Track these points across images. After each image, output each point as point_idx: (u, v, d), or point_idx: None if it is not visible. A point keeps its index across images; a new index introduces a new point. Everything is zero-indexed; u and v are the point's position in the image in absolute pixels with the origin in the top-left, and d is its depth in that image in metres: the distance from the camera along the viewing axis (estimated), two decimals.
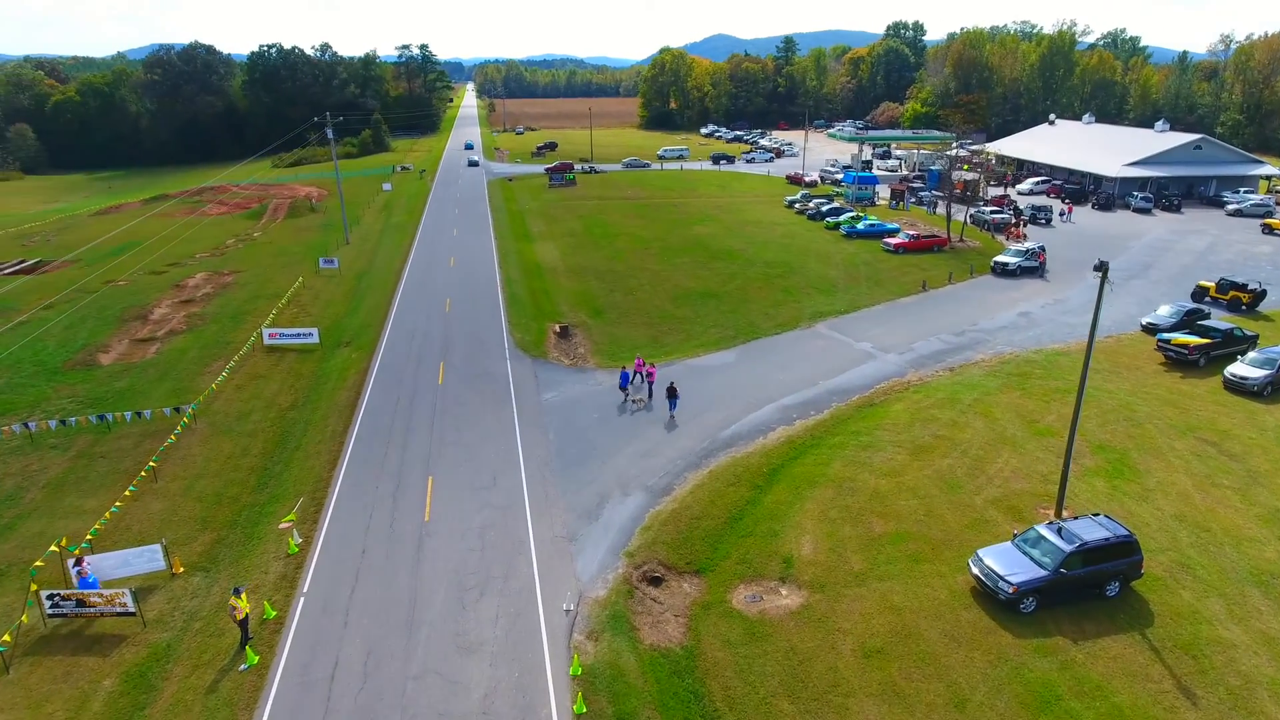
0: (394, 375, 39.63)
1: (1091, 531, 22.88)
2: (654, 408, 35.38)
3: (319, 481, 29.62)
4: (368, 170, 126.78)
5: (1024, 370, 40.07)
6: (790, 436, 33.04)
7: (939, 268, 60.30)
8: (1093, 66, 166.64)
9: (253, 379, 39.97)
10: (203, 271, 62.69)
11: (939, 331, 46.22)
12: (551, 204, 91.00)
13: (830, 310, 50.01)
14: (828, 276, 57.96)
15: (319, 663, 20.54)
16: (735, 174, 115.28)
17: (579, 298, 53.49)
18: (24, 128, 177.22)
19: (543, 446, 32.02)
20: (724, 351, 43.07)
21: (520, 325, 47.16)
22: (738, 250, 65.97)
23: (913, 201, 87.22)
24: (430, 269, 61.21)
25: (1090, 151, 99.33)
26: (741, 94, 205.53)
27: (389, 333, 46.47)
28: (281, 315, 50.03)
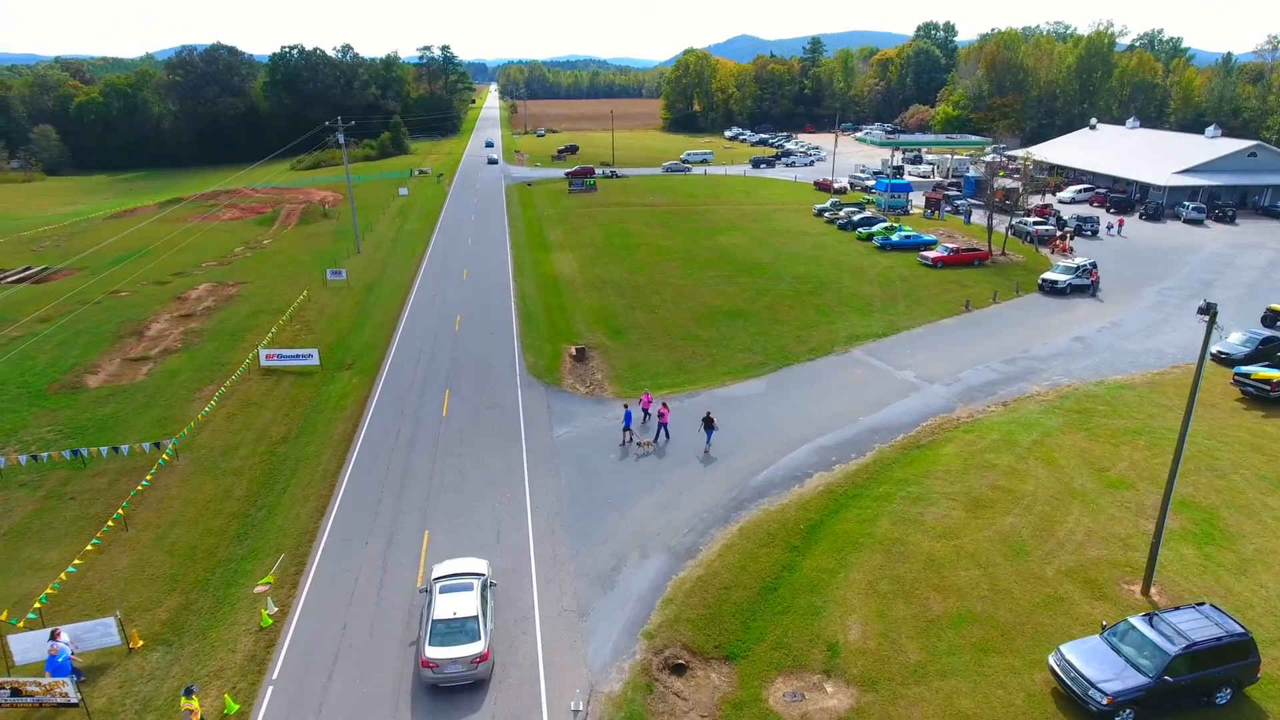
0: (395, 405, 36.62)
1: (1199, 628, 19.23)
2: (666, 453, 31.84)
3: (303, 534, 26.60)
4: (386, 174, 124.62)
5: (1086, 406, 36.25)
6: (829, 485, 29.55)
7: (982, 285, 56.39)
8: (1132, 68, 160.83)
9: (245, 406, 37.14)
10: (207, 282, 60.26)
11: (987, 359, 42.45)
12: (571, 210, 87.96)
13: (867, 333, 46.37)
14: (862, 293, 54.28)
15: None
16: (761, 180, 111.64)
17: (597, 315, 50.28)
18: (47, 129, 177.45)
19: (553, 494, 28.80)
20: (753, 380, 39.62)
21: (533, 347, 44.02)
22: (766, 263, 62.43)
23: (948, 210, 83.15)
24: (442, 282, 58.31)
25: (1136, 158, 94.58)
26: (766, 96, 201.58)
27: (394, 354, 43.54)
28: (282, 333, 47.30)
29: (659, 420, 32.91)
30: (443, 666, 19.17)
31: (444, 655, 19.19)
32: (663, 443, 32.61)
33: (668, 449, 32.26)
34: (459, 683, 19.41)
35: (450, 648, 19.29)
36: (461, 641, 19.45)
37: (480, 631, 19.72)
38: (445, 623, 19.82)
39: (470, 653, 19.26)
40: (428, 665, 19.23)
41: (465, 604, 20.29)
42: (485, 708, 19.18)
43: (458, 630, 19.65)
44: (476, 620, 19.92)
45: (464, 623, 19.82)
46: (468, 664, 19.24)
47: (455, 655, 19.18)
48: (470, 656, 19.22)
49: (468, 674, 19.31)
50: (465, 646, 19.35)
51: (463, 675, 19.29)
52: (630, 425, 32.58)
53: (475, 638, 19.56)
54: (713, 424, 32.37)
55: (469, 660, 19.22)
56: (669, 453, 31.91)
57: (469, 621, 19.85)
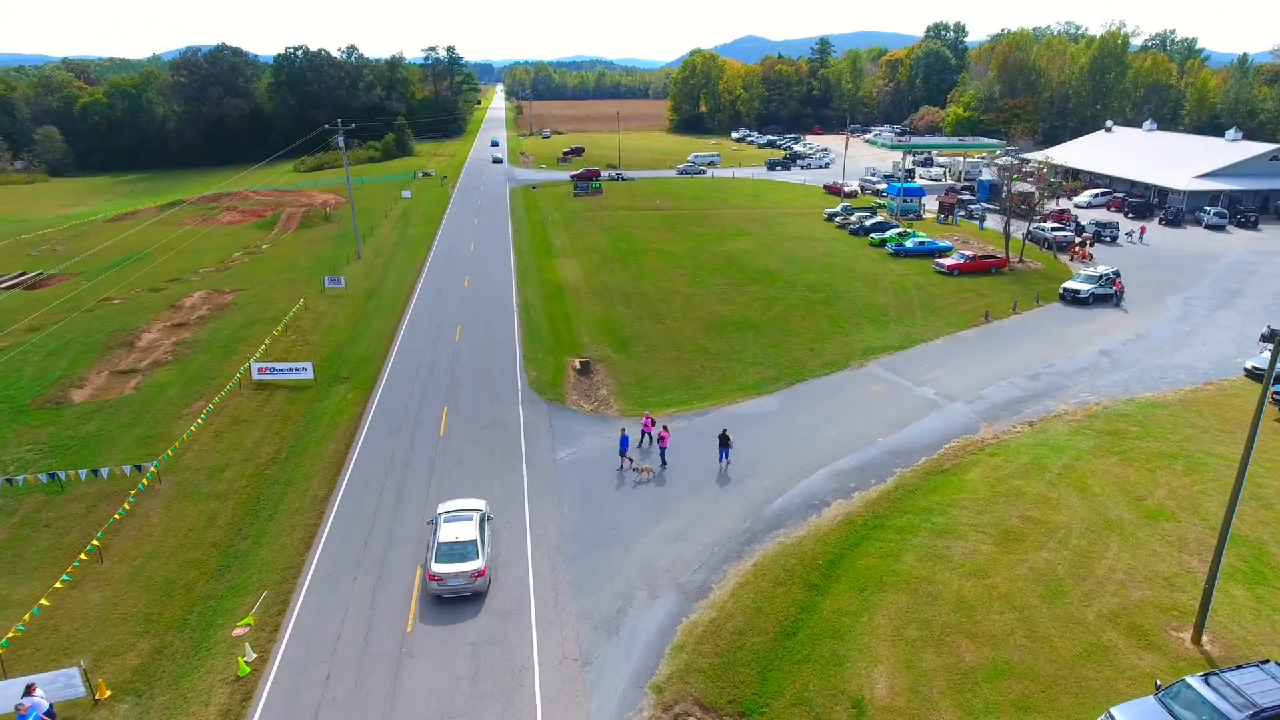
0: (391, 422, 34.96)
1: (1264, 690, 17.42)
2: (666, 481, 30.03)
3: (288, 567, 24.94)
4: (389, 176, 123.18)
5: (1116, 427, 34.37)
6: (849, 514, 27.76)
7: (1000, 294, 54.50)
8: (1146, 69, 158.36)
9: (234, 424, 35.53)
10: (202, 290, 58.75)
11: (1010, 374, 40.58)
12: (576, 214, 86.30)
13: (883, 345, 44.55)
14: (876, 303, 52.44)
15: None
16: (770, 183, 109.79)
17: (602, 325, 48.58)
18: (51, 130, 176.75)
19: (555, 524, 27.08)
20: (766, 397, 37.84)
21: (536, 360, 42.33)
22: (776, 270, 60.63)
23: (962, 215, 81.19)
24: (443, 289, 56.68)
25: (1154, 162, 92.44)
26: (774, 97, 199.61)
27: (391, 367, 41.90)
28: (276, 344, 45.72)
29: (659, 446, 31.03)
30: (446, 580, 22.66)
31: (447, 570, 22.65)
32: (660, 469, 30.70)
33: (672, 475, 30.47)
34: (460, 594, 22.89)
35: (453, 565, 22.76)
36: (462, 560, 22.88)
37: (478, 553, 23.14)
38: (449, 545, 23.23)
39: (470, 568, 22.76)
40: (434, 579, 22.68)
41: (465, 531, 23.69)
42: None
43: (459, 552, 23.08)
44: (475, 544, 23.31)
45: (464, 545, 23.21)
46: (468, 577, 22.77)
47: (457, 570, 22.69)
48: (469, 571, 22.74)
49: (467, 586, 22.80)
50: (465, 564, 22.82)
51: (463, 587, 22.80)
52: (626, 450, 30.58)
53: (474, 557, 23.00)
54: (728, 442, 30.89)
55: (468, 574, 22.76)
56: (678, 479, 30.14)
57: (469, 545, 23.24)
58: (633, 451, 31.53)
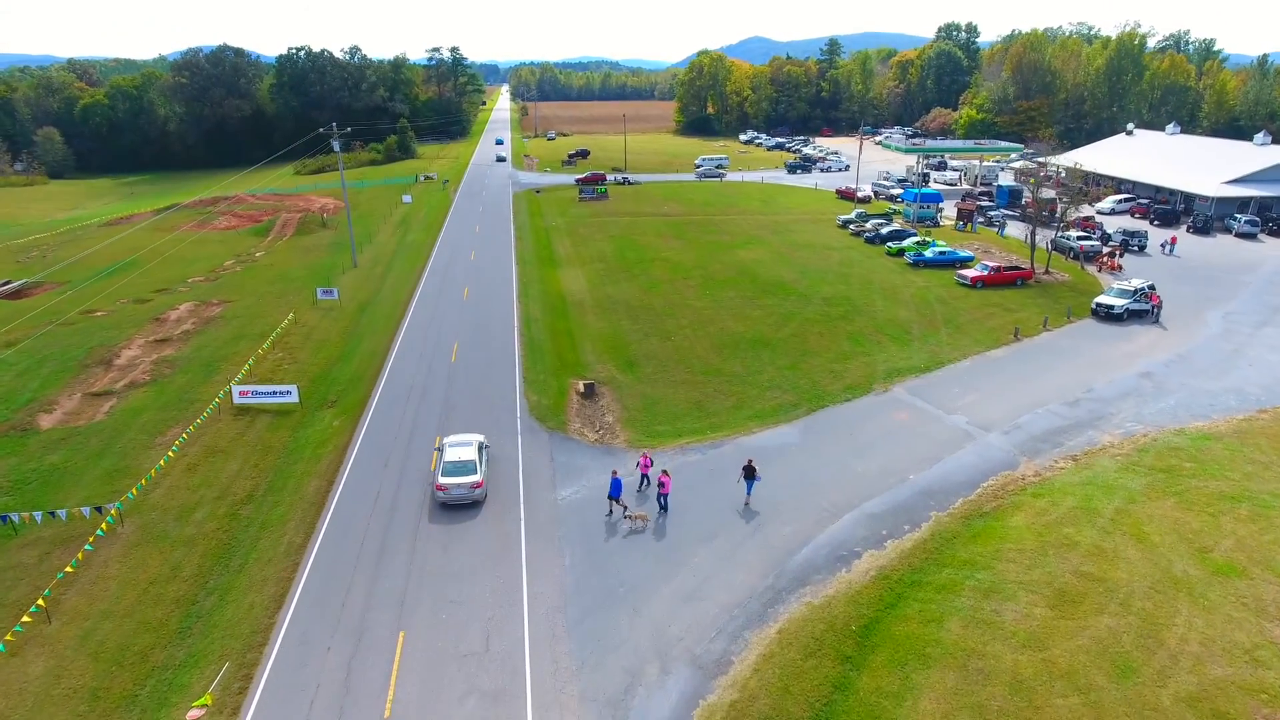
0: (378, 455, 32.24)
1: None
2: (676, 528, 27.12)
3: (255, 631, 22.23)
4: (390, 179, 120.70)
5: (1169, 463, 31.46)
6: (883, 568, 24.93)
7: (1028, 308, 51.58)
8: (1164, 71, 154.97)
9: (209, 455, 32.87)
10: (189, 301, 56.18)
11: (1046, 400, 37.67)
12: (581, 220, 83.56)
13: (908, 366, 41.67)
14: (898, 318, 49.56)
15: None
16: (780, 187, 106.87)
17: (608, 343, 45.82)
18: (51, 131, 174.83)
19: (555, 579, 24.31)
20: (785, 426, 35.01)
21: (537, 383, 39.58)
22: (790, 282, 57.77)
23: (981, 222, 78.16)
24: (440, 302, 53.98)
25: (1178, 166, 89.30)
26: (783, 99, 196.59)
27: (383, 389, 39.19)
28: (262, 363, 43.07)
29: (658, 490, 27.88)
30: (450, 489, 27.40)
31: (452, 482, 27.45)
32: (659, 518, 27.54)
33: (685, 520, 27.64)
34: (461, 501, 27.65)
35: (456, 478, 27.53)
36: (464, 474, 27.60)
37: (477, 469, 27.84)
38: (453, 463, 27.94)
39: (470, 481, 27.53)
40: (440, 489, 27.43)
41: (467, 453, 28.44)
42: None
43: (461, 468, 27.78)
44: (474, 463, 28.02)
45: (465, 463, 27.96)
46: (468, 488, 27.48)
47: (459, 482, 27.45)
48: (470, 483, 27.50)
49: (468, 495, 27.57)
50: (467, 477, 27.57)
51: (465, 496, 27.54)
52: (619, 495, 27.44)
53: (473, 473, 27.70)
54: (754, 473, 28.36)
55: (469, 485, 27.49)
56: (691, 525, 27.32)
57: (469, 463, 27.97)
58: (629, 495, 28.60)
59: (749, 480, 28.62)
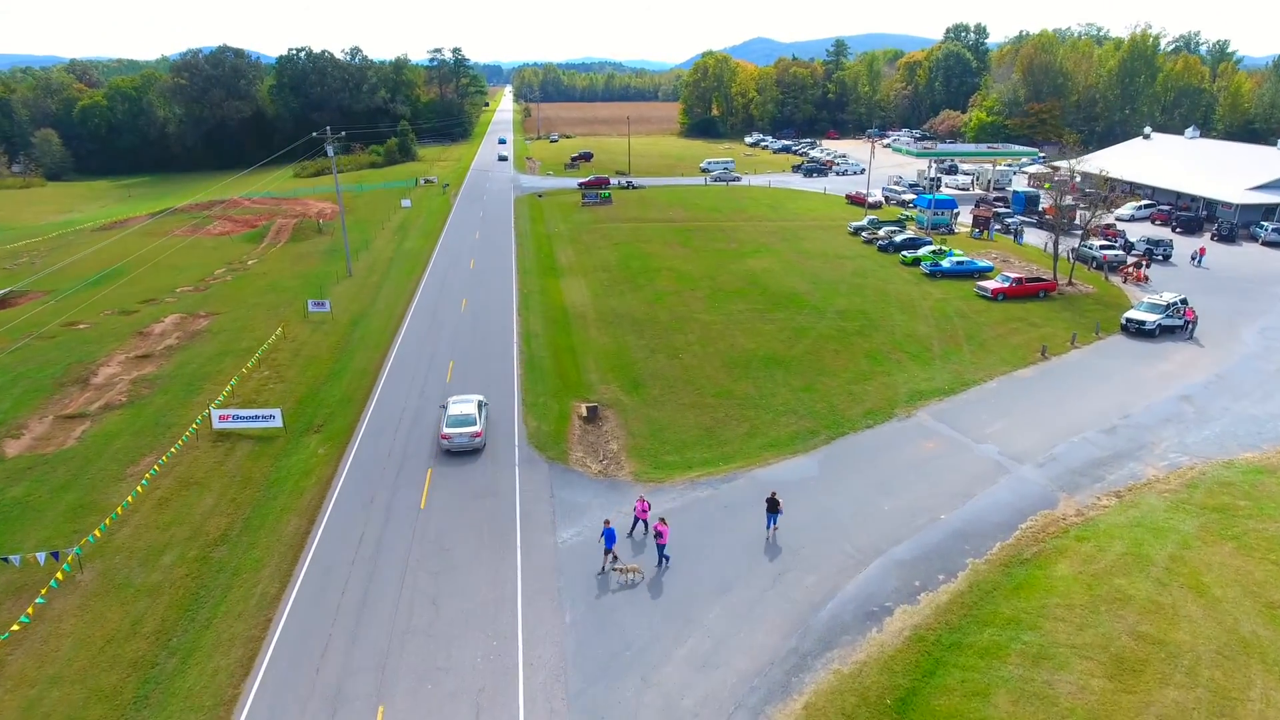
0: (364, 490, 29.85)
1: None
2: (675, 583, 24.56)
3: (218, 704, 19.86)
4: (390, 183, 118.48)
5: (1222, 501, 28.97)
6: (917, 628, 22.48)
7: (1053, 323, 49.10)
8: (1177, 73, 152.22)
9: (183, 488, 30.51)
10: (176, 313, 53.90)
11: (1081, 426, 35.18)
12: (584, 227, 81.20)
13: (931, 388, 39.20)
14: (917, 334, 47.09)
15: None
16: (788, 191, 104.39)
17: (612, 360, 43.43)
18: (49, 133, 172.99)
19: (554, 640, 21.89)
20: (802, 457, 32.57)
21: (537, 406, 37.17)
22: (802, 294, 55.32)
23: (997, 229, 75.55)
24: (437, 315, 51.62)
25: (1200, 172, 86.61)
26: (788, 100, 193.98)
27: (372, 412, 36.83)
28: (246, 382, 40.72)
29: (656, 540, 25.07)
30: (453, 438, 31.38)
31: (455, 432, 31.44)
32: (658, 571, 24.86)
33: (697, 569, 25.21)
34: (463, 449, 31.62)
35: (459, 429, 31.52)
36: (466, 425, 31.62)
37: (477, 421, 31.82)
38: (456, 416, 31.99)
39: (470, 431, 31.49)
40: (445, 438, 31.52)
41: (468, 408, 32.51)
42: None
43: (463, 420, 31.82)
44: (474, 416, 32.04)
45: (466, 416, 32.02)
46: (469, 437, 31.45)
47: (461, 432, 31.44)
48: (470, 433, 31.46)
49: (469, 444, 31.53)
50: (468, 428, 31.56)
51: (466, 444, 31.49)
52: (613, 546, 24.75)
53: (473, 424, 31.70)
54: (778, 507, 26.43)
55: (470, 434, 31.46)
56: (704, 575, 24.89)
57: (469, 415, 32.02)
58: (623, 541, 26.11)
59: (772, 514, 26.58)
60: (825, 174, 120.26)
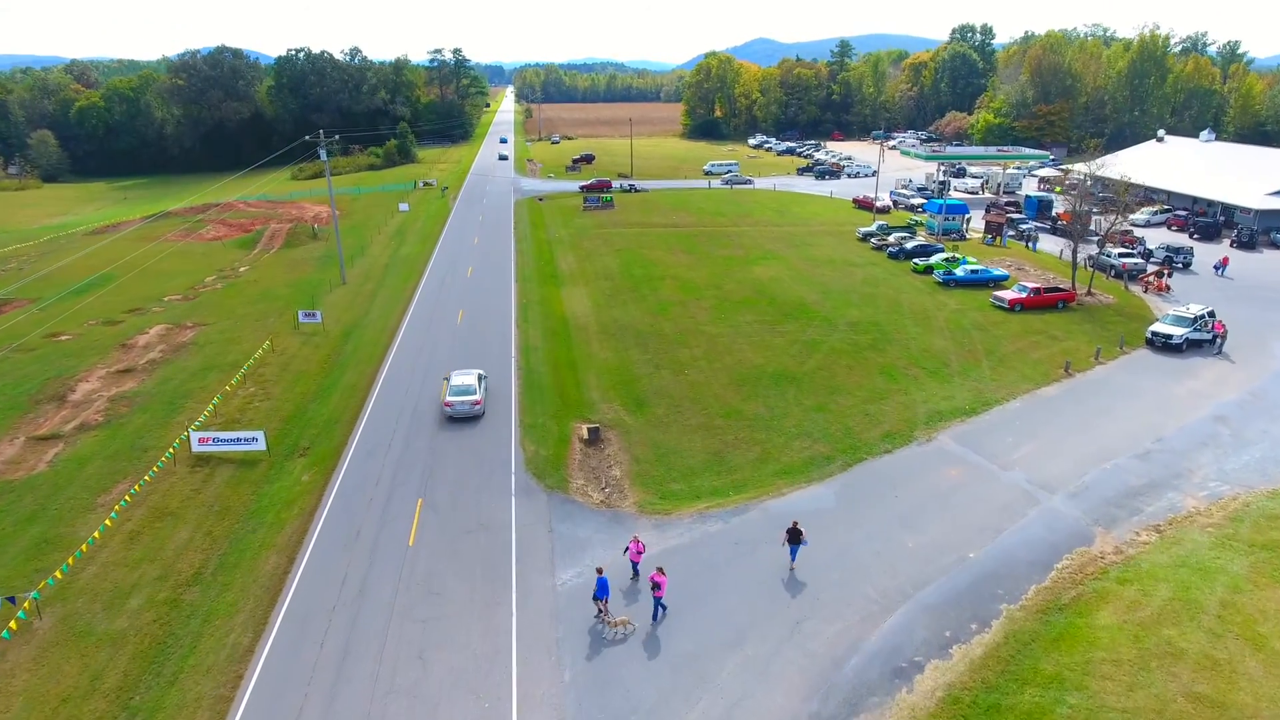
0: (349, 523, 27.87)
1: None
2: (686, 633, 22.44)
3: None
4: (388, 185, 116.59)
5: (1271, 536, 26.94)
6: (951, 685, 20.47)
7: (1075, 336, 47.07)
8: (1187, 74, 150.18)
9: (156, 520, 28.54)
10: (161, 324, 51.94)
11: (1113, 451, 33.14)
12: (585, 231, 79.23)
13: (950, 408, 37.16)
14: (933, 348, 45.07)
15: None
16: (794, 195, 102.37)
17: (615, 376, 41.43)
18: (46, 134, 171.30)
19: (552, 702, 19.89)
20: (818, 486, 30.56)
21: (536, 428, 35.18)
22: (812, 304, 53.31)
23: (1011, 235, 73.48)
24: (432, 327, 49.64)
25: (1216, 176, 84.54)
26: (792, 102, 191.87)
27: (361, 433, 34.86)
28: (230, 400, 38.75)
29: (653, 592, 22.63)
30: (455, 406, 34.85)
31: (457, 399, 34.99)
32: (653, 624, 22.61)
33: (710, 616, 23.19)
34: (465, 415, 35.03)
35: (460, 397, 35.05)
36: (466, 395, 35.17)
37: (476, 391, 35.40)
38: (458, 387, 35.56)
39: (471, 399, 35.01)
40: (448, 405, 35.04)
41: (469, 380, 36.08)
42: None
43: (464, 390, 35.42)
44: (474, 386, 35.58)
45: (467, 386, 35.58)
46: (470, 405, 34.93)
47: (462, 399, 34.96)
48: (470, 400, 34.97)
49: (470, 411, 34.98)
50: (468, 397, 35.09)
51: (468, 411, 34.95)
52: (606, 596, 22.46)
53: (473, 393, 35.24)
54: (800, 537, 24.70)
55: (470, 403, 34.95)
56: (716, 624, 22.87)
57: (470, 386, 35.57)
58: (616, 588, 23.79)
59: (794, 545, 24.87)
60: (837, 176, 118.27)
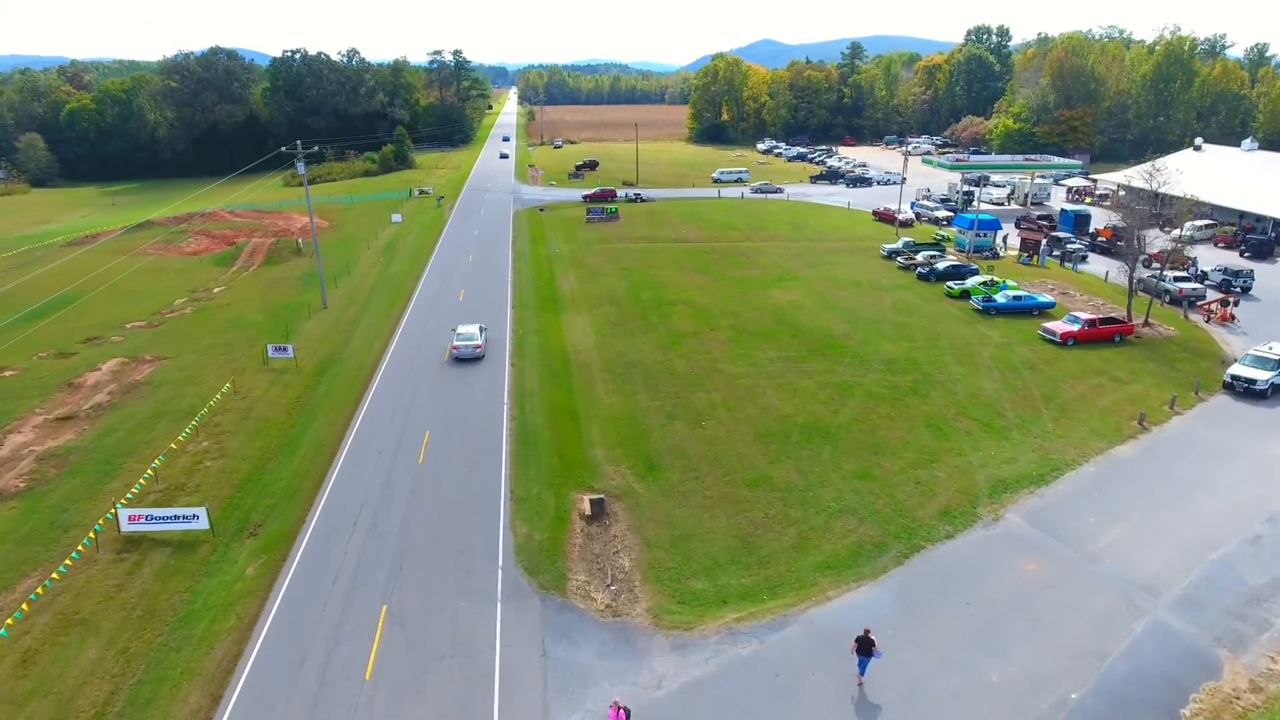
0: (294, 643, 22.52)
1: None
2: None
3: None
4: (382, 194, 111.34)
5: None
6: None
7: (1141, 378, 41.66)
8: (1215, 78, 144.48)
9: (63, 630, 23.27)
10: (117, 358, 46.71)
11: (1218, 536, 27.74)
12: (588, 247, 73.94)
13: (1014, 475, 31.77)
14: (982, 393, 39.69)
15: None
16: (810, 206, 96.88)
17: (622, 429, 36.11)
18: (34, 137, 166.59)
19: None
20: (870, 586, 25.18)
21: (529, 501, 29.87)
22: (840, 336, 47.96)
23: (1052, 256, 67.64)
24: (417, 364, 44.33)
25: (1264, 188, 78.92)
26: (802, 105, 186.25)
27: (323, 508, 29.56)
28: (176, 458, 33.46)
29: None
30: (461, 349, 43.44)
31: (462, 344, 43.56)
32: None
33: None
34: (468, 357, 43.65)
35: (464, 343, 43.66)
36: (470, 341, 43.77)
37: (478, 338, 44.06)
38: (463, 334, 44.33)
39: (474, 343, 43.61)
40: (454, 348, 43.66)
41: (472, 330, 44.79)
42: None
43: (468, 337, 44.03)
44: (476, 335, 44.22)
45: (471, 335, 44.27)
46: (472, 349, 43.55)
47: (467, 344, 43.56)
48: (473, 345, 43.56)
49: (473, 354, 43.73)
50: (471, 341, 43.68)
51: (471, 354, 43.66)
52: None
53: (476, 340, 43.85)
54: (872, 648, 20.28)
55: (472, 347, 43.56)
56: None
57: (473, 335, 44.25)
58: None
59: (864, 657, 20.37)
60: (869, 185, 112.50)
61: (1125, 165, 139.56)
